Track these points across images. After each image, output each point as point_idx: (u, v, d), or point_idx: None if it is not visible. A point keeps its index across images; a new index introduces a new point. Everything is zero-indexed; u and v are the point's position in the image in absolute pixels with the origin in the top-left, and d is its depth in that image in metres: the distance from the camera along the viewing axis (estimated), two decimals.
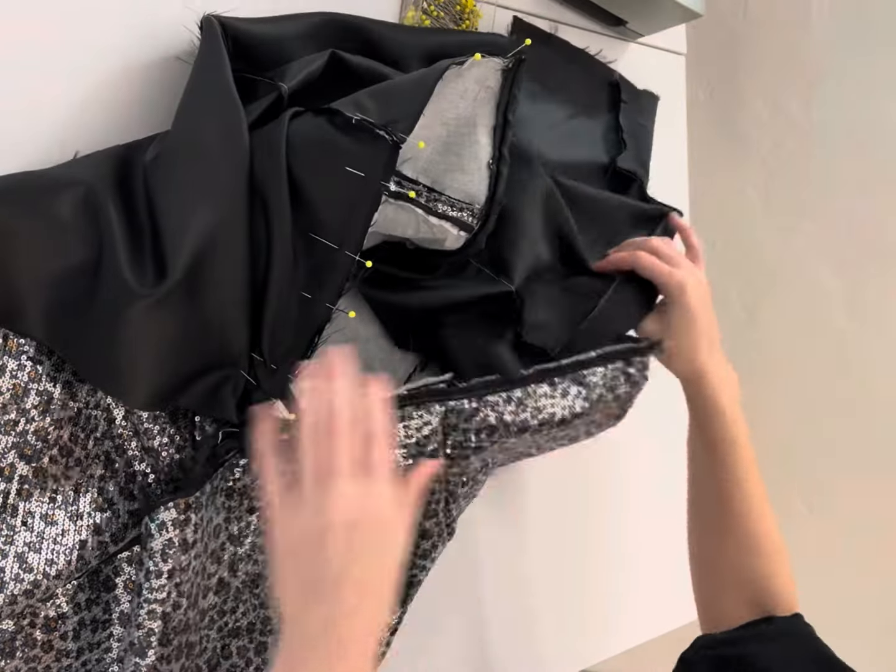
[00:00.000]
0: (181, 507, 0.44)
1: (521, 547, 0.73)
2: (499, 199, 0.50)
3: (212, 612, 0.51)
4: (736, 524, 0.58)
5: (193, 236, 0.43)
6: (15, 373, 0.43)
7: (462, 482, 0.58)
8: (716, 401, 0.60)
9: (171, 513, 0.44)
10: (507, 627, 0.72)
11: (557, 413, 0.53)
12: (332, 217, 0.45)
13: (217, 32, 0.47)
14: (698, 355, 0.60)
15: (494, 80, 0.49)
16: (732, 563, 0.58)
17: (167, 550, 0.44)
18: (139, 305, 0.42)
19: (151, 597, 0.44)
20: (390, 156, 0.44)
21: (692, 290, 0.59)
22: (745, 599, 0.57)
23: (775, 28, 1.27)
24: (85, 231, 0.43)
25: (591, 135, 0.74)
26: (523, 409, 0.52)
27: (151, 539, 0.44)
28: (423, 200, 0.49)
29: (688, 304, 0.59)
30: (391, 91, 0.47)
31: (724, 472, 0.59)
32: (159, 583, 0.44)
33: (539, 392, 0.53)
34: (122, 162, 0.47)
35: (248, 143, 0.44)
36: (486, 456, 0.56)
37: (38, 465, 0.44)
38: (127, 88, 0.51)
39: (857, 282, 1.18)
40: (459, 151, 0.49)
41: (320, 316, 0.46)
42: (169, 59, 0.52)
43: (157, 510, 0.44)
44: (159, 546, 0.44)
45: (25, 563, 0.43)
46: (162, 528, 0.44)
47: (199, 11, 0.50)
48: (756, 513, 0.58)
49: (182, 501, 0.44)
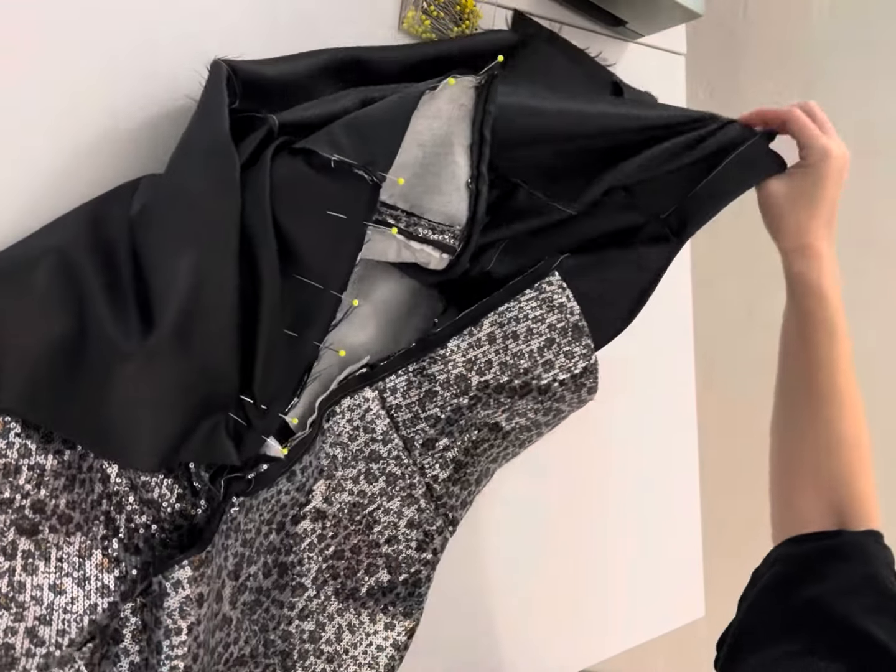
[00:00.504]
0: (195, 564, 0.45)
1: (522, 547, 0.73)
2: (479, 218, 0.49)
3: (219, 647, 0.51)
4: (820, 416, 0.56)
5: (183, 290, 0.43)
6: (4, 451, 0.43)
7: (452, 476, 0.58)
8: (821, 284, 0.56)
9: (186, 571, 0.44)
10: (507, 627, 0.72)
11: (494, 360, 0.53)
12: (316, 259, 0.45)
13: (222, 78, 0.47)
14: (815, 229, 0.58)
15: (468, 98, 0.48)
16: (812, 460, 0.56)
17: (185, 608, 0.44)
18: (128, 361, 0.42)
19: (173, 654, 0.44)
20: (371, 196, 0.45)
21: (834, 160, 0.56)
22: (821, 504, 0.54)
23: (775, 28, 1.27)
24: (63, 300, 0.43)
25: None
26: (453, 364, 0.52)
27: (168, 598, 0.44)
28: (402, 226, 0.48)
29: (825, 173, 0.57)
30: (366, 124, 0.46)
31: (816, 361, 0.56)
32: (179, 639, 0.44)
33: (462, 345, 0.53)
34: (97, 218, 0.47)
35: (241, 196, 0.44)
36: (465, 429, 0.56)
37: (39, 537, 0.44)
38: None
39: (857, 282, 1.18)
40: (438, 172, 0.49)
41: (308, 354, 0.47)
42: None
43: (172, 569, 0.44)
44: (177, 604, 0.44)
45: (37, 638, 0.43)
46: (178, 586, 0.44)
47: (209, 54, 0.49)
48: (843, 410, 0.55)
49: (196, 558, 0.44)
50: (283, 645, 0.53)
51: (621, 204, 0.58)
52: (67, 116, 0.49)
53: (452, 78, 0.47)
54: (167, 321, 0.43)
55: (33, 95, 0.48)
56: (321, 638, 0.54)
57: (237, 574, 0.50)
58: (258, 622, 0.52)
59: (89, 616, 0.45)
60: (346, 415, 0.52)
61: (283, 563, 0.52)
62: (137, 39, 0.52)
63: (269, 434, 0.47)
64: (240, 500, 0.48)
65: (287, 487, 0.51)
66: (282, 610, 0.53)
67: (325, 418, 0.52)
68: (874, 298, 1.16)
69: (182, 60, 0.51)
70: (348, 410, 0.52)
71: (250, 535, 0.50)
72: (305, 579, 0.53)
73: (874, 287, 1.17)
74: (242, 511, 0.48)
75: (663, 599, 0.83)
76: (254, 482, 0.48)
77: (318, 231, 0.45)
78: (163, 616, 0.44)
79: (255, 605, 0.52)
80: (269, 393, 0.47)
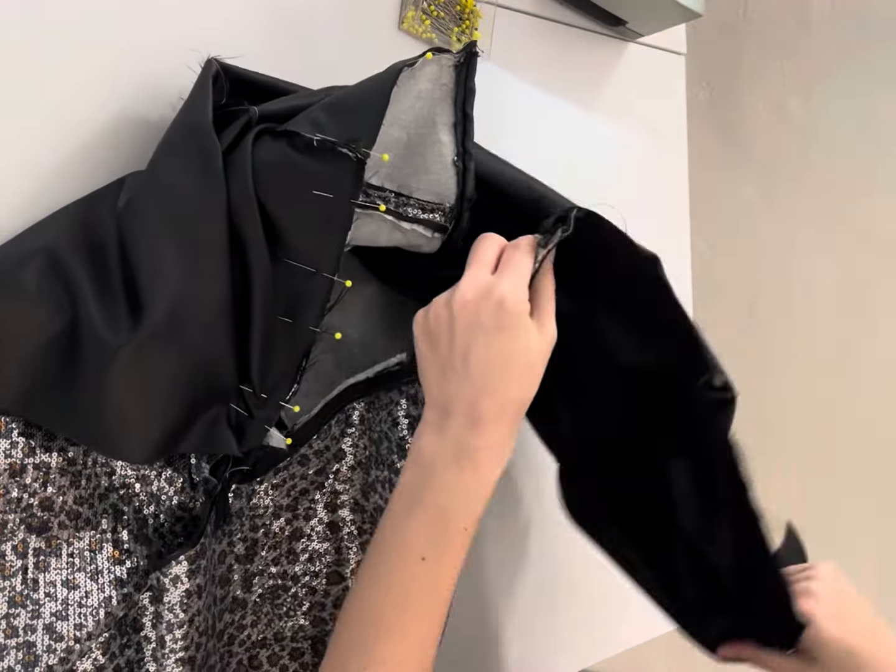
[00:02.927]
0: (191, 557, 0.45)
1: (522, 547, 0.73)
2: (469, 195, 0.49)
3: (230, 629, 0.52)
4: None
5: (172, 282, 0.43)
6: (9, 452, 0.43)
7: None
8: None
9: (183, 565, 0.45)
10: (507, 627, 0.72)
11: None
12: (305, 242, 0.45)
13: (209, 74, 0.47)
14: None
15: (449, 77, 0.48)
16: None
17: (185, 601, 0.45)
18: (120, 356, 0.42)
19: (177, 646, 0.45)
20: (356, 174, 0.44)
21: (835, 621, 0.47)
22: None
23: (775, 28, 1.27)
24: (53, 301, 0.43)
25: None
26: None
27: (168, 593, 0.45)
28: (391, 206, 0.48)
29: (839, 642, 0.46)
30: (346, 104, 0.46)
31: None
32: (182, 632, 0.45)
33: None
34: (86, 216, 0.46)
35: (225, 184, 0.44)
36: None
37: (49, 534, 0.45)
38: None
39: (856, 282, 1.18)
40: (423, 152, 0.49)
41: (305, 340, 0.47)
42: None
43: (169, 565, 0.44)
44: (177, 598, 0.45)
45: (55, 633, 0.44)
46: (176, 581, 0.45)
47: (203, 54, 0.49)
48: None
49: (192, 552, 0.45)
50: (313, 630, 0.54)
51: None
52: (66, 116, 0.49)
53: (430, 53, 0.47)
54: (157, 314, 0.42)
55: (32, 95, 0.48)
56: None
57: (251, 558, 0.51)
58: (281, 607, 0.54)
59: (105, 608, 0.45)
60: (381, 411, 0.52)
61: (314, 549, 0.54)
62: (137, 39, 0.52)
63: (271, 424, 0.47)
64: (234, 488, 0.48)
65: (301, 472, 0.51)
66: (313, 597, 0.54)
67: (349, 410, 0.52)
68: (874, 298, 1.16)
69: (181, 60, 0.51)
70: (382, 408, 0.52)
71: (263, 521, 0.51)
72: (344, 569, 0.54)
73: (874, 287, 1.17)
74: (242, 497, 0.48)
75: None
76: (251, 470, 0.48)
77: (306, 213, 0.45)
78: (164, 611, 0.45)
79: (278, 590, 0.53)
80: (269, 381, 0.46)
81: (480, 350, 0.40)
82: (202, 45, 0.52)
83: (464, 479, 0.41)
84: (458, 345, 0.41)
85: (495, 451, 0.42)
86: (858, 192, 1.17)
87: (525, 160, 0.79)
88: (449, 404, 0.41)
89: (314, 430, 0.51)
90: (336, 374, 0.60)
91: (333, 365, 0.59)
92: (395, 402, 0.52)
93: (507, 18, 0.72)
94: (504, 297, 0.40)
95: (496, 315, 0.40)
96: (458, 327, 0.41)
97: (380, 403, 0.54)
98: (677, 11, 0.76)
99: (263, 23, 0.57)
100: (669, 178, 0.88)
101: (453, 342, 0.41)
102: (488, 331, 0.40)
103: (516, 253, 0.43)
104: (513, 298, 0.40)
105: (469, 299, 0.41)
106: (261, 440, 0.47)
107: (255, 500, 0.49)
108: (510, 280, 0.41)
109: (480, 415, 0.40)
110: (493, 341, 0.40)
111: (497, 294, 0.40)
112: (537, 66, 0.76)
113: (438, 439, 0.41)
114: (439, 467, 0.41)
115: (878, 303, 1.16)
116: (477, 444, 0.41)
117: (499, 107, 0.72)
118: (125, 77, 0.51)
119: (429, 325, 0.43)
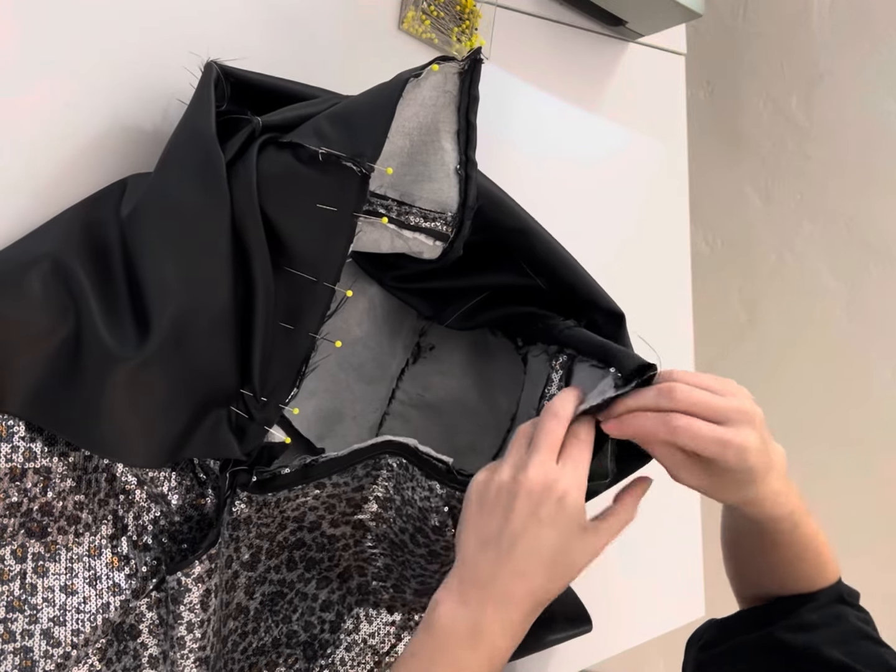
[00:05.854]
0: (212, 556, 0.45)
1: None
2: (471, 203, 0.49)
3: (233, 636, 0.52)
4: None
5: (176, 293, 0.43)
6: (10, 455, 0.43)
7: None
8: (775, 519, 0.49)
9: (205, 564, 0.45)
10: None
11: None
12: (307, 252, 0.45)
13: (210, 79, 0.47)
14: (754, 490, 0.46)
15: (452, 84, 0.48)
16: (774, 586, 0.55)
17: (205, 600, 0.45)
18: (125, 367, 0.42)
19: (196, 646, 0.45)
20: (360, 187, 0.44)
21: (755, 455, 0.42)
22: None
23: (775, 28, 1.27)
24: (58, 306, 0.43)
25: None
26: None
27: (189, 593, 0.45)
28: (394, 215, 0.48)
29: (751, 470, 0.43)
30: (352, 116, 0.46)
31: (780, 565, 0.53)
32: (202, 631, 0.46)
33: None
34: (89, 221, 0.46)
35: (229, 194, 0.44)
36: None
37: (48, 539, 0.45)
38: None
39: (857, 282, 1.18)
40: (426, 160, 0.49)
41: (305, 346, 0.47)
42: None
43: (192, 565, 0.44)
44: (198, 598, 0.45)
45: (53, 639, 0.44)
46: (199, 581, 0.45)
47: (208, 55, 0.49)
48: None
49: (213, 551, 0.45)
50: (304, 636, 0.55)
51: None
52: (67, 117, 0.49)
53: (436, 64, 0.47)
54: (163, 326, 0.43)
55: (31, 95, 0.48)
56: (340, 628, 0.56)
57: (254, 565, 0.51)
58: (279, 613, 0.54)
59: (102, 615, 0.45)
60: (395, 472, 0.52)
61: (311, 558, 0.54)
62: (137, 40, 0.52)
63: (270, 425, 0.47)
64: (244, 495, 0.48)
65: (315, 493, 0.51)
66: (304, 602, 0.55)
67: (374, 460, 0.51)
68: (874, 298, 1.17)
69: (181, 61, 0.51)
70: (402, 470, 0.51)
71: (269, 530, 0.51)
72: (332, 573, 0.55)
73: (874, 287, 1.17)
74: (253, 506, 0.48)
75: (663, 599, 0.83)
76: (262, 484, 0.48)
77: (309, 224, 0.45)
78: (184, 611, 0.45)
79: (276, 597, 0.54)
80: (269, 386, 0.47)
81: (530, 540, 0.41)
82: (203, 45, 0.52)
83: (477, 659, 0.41)
84: (511, 528, 0.41)
85: (514, 636, 0.41)
86: (858, 191, 1.17)
87: (525, 160, 0.79)
88: (480, 579, 0.41)
89: (337, 468, 0.50)
90: (338, 371, 0.60)
91: (335, 363, 0.59)
92: (433, 491, 0.50)
93: (507, 18, 0.72)
94: (566, 493, 0.41)
95: (555, 511, 0.41)
96: (515, 512, 0.41)
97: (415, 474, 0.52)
98: (677, 11, 0.76)
99: (263, 23, 0.57)
100: (669, 177, 0.88)
101: (507, 524, 0.41)
102: (543, 524, 0.41)
103: (579, 445, 0.43)
104: (573, 498, 0.41)
105: (535, 491, 0.41)
106: (261, 441, 0.47)
107: (266, 510, 0.50)
108: (572, 475, 0.42)
109: (509, 599, 0.41)
110: (544, 535, 0.41)
111: (560, 490, 0.41)
112: (537, 66, 0.76)
113: (459, 613, 0.41)
114: (453, 643, 0.41)
115: (877, 303, 1.16)
116: (497, 628, 0.41)
117: (499, 107, 0.72)
118: (124, 80, 0.51)
119: (488, 494, 0.42)
